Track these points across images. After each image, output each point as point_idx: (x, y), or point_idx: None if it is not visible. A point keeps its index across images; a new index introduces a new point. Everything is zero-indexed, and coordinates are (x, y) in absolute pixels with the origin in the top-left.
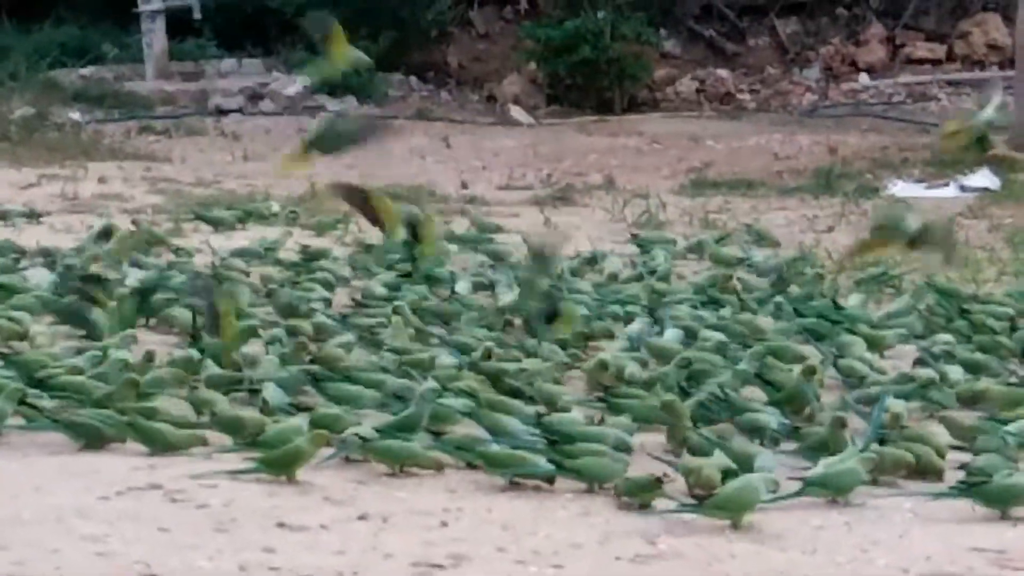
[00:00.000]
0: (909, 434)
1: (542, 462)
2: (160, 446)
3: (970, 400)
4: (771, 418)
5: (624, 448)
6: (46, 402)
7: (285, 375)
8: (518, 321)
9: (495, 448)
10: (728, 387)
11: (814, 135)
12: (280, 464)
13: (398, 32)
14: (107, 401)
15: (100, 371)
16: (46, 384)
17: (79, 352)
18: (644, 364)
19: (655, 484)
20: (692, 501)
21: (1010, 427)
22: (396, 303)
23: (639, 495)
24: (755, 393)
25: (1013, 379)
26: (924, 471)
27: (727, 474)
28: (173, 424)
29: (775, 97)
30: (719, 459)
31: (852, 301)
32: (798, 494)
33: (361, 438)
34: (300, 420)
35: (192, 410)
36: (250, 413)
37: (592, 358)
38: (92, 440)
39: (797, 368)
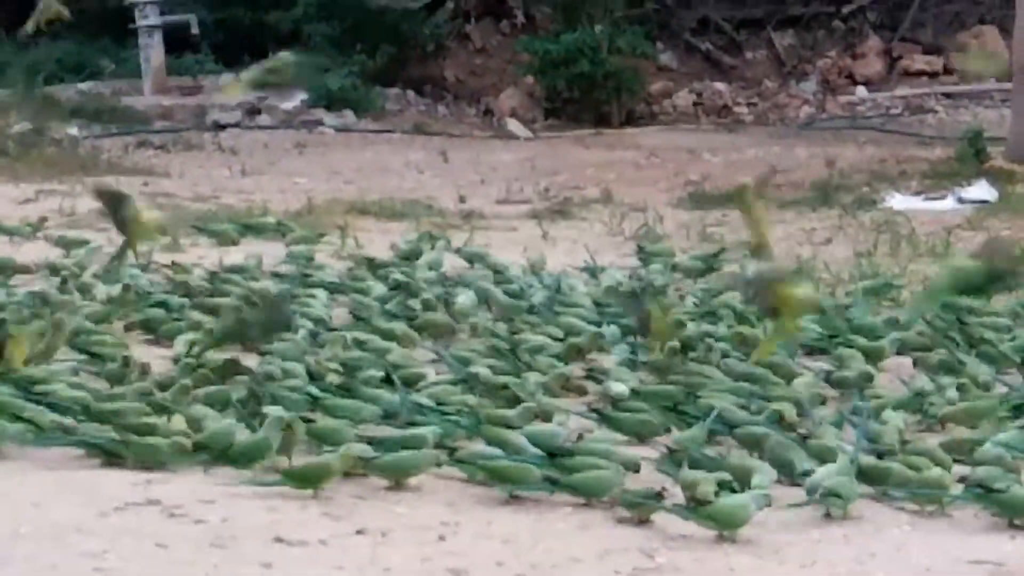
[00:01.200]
0: (911, 448)
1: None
2: (154, 462)
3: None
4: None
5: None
6: (44, 418)
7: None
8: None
9: (499, 462)
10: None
11: (811, 148)
12: (306, 479)
13: (395, 46)
14: (108, 417)
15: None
16: (45, 400)
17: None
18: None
19: (654, 498)
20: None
21: (1000, 437)
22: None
23: (637, 508)
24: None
25: (1014, 395)
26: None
27: (723, 487)
28: (169, 440)
29: (772, 110)
30: (717, 474)
31: (854, 312)
32: (806, 503)
33: (363, 459)
34: (270, 434)
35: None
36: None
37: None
38: (110, 457)
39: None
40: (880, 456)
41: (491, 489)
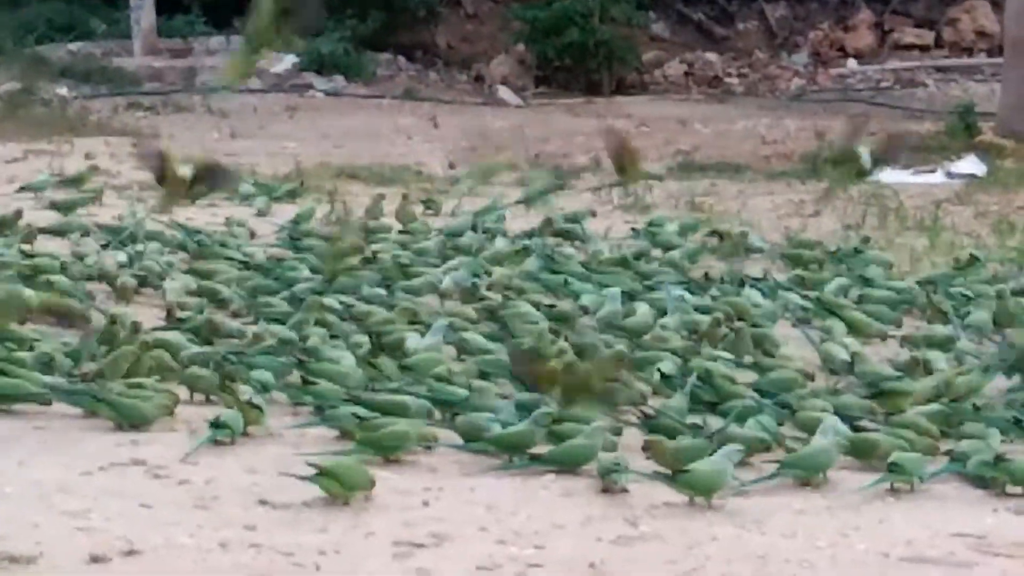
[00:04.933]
0: (899, 420)
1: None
2: (135, 421)
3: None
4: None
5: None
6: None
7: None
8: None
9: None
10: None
11: (801, 120)
12: (384, 446)
13: (387, 12)
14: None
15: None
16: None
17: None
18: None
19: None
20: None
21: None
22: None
23: (617, 474)
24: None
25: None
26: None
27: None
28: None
29: (763, 81)
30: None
31: (832, 286)
32: (773, 476)
33: (358, 417)
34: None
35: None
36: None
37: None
38: (135, 421)
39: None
40: (857, 430)
41: (475, 456)
